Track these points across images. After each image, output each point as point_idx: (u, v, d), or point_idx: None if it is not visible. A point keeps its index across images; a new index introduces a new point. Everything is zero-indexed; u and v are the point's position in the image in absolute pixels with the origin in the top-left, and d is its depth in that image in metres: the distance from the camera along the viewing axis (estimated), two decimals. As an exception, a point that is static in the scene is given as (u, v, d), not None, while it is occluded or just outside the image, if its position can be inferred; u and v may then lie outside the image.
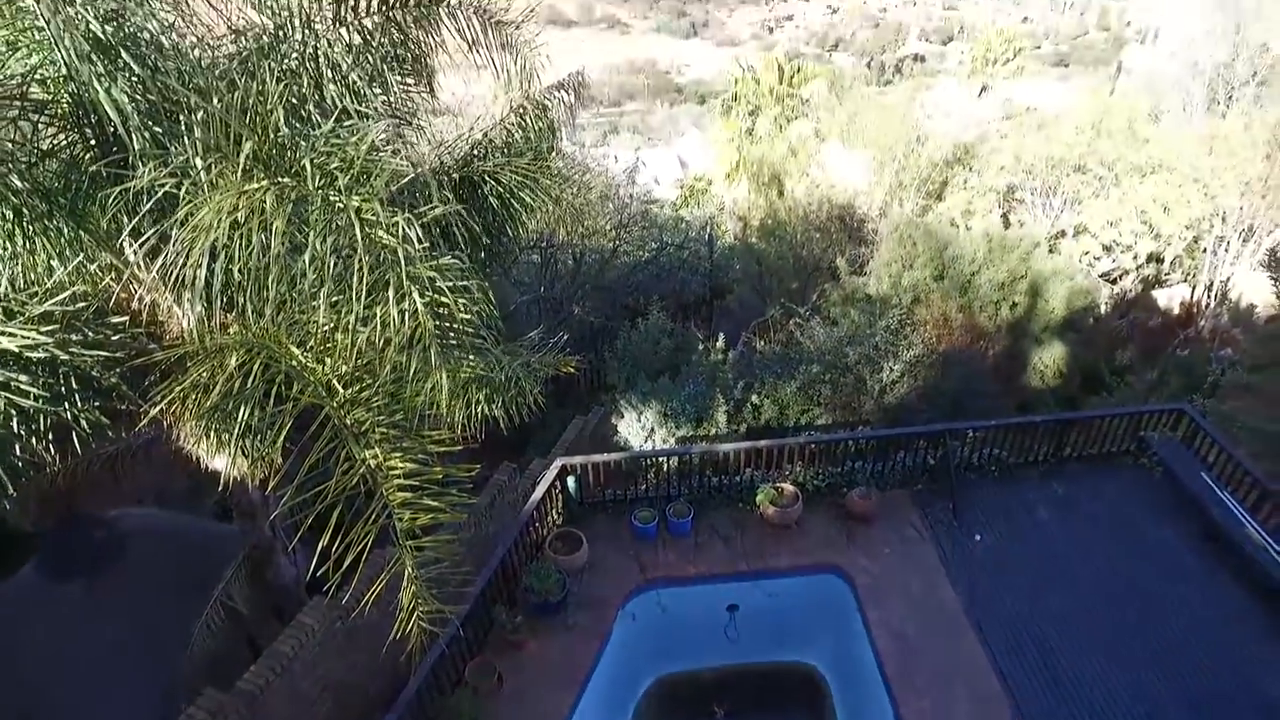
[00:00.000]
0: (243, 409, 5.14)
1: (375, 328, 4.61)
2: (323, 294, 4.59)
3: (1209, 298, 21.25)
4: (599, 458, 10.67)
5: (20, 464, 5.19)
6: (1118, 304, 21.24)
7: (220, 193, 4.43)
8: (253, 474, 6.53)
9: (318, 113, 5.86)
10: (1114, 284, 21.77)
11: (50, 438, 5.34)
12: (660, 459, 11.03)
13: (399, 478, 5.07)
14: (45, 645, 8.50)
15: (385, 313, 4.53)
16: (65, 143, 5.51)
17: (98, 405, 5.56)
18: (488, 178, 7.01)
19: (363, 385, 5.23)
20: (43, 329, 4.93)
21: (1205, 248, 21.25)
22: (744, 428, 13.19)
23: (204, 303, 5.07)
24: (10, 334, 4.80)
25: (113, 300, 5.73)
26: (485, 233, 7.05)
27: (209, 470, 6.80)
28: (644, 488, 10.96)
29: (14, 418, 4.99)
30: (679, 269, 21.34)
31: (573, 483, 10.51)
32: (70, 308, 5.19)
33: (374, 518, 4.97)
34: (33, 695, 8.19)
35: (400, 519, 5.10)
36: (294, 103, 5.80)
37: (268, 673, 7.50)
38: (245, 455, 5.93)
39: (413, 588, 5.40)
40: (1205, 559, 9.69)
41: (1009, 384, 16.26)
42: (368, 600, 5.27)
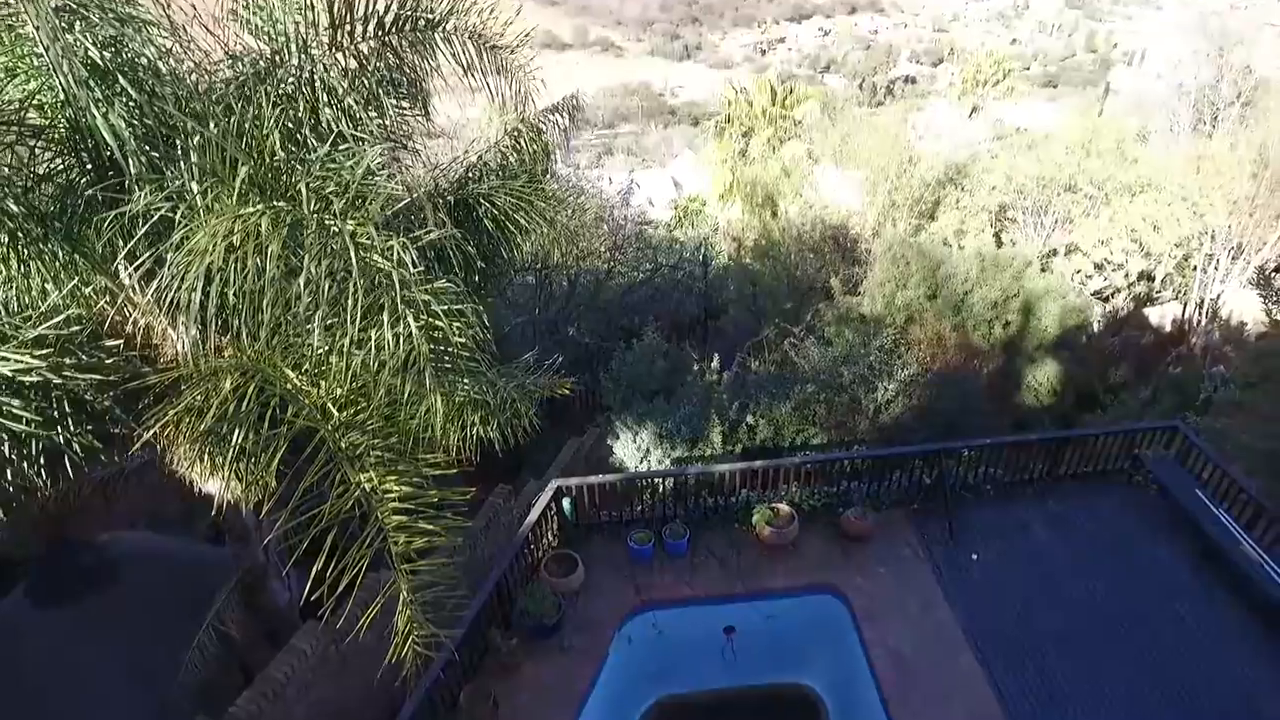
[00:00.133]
0: (237, 432, 5.13)
1: (370, 351, 4.62)
2: (318, 317, 4.59)
3: (1200, 315, 21.37)
4: (594, 479, 10.65)
5: (11, 489, 5.16)
6: (1110, 322, 21.32)
7: (216, 216, 4.44)
8: (247, 497, 6.48)
9: (313, 137, 5.88)
10: (1106, 302, 21.87)
11: (42, 462, 5.31)
12: (656, 480, 11.02)
13: (394, 501, 5.05)
14: (33, 671, 8.40)
15: (380, 336, 4.54)
16: (62, 167, 5.52)
17: (90, 429, 5.53)
18: (483, 200, 7.04)
19: (358, 408, 5.22)
20: (36, 353, 4.91)
21: (1196, 266, 21.41)
22: (739, 448, 13.16)
23: (199, 326, 5.07)
24: (4, 358, 4.78)
25: (107, 324, 5.72)
26: (480, 255, 7.08)
27: (202, 494, 6.75)
28: (640, 509, 10.93)
29: (5, 442, 4.96)
30: (673, 290, 21.38)
31: (568, 504, 10.48)
32: (64, 331, 5.18)
33: (369, 541, 4.95)
34: (21, 723, 8.09)
35: (395, 542, 5.07)
36: (290, 127, 5.83)
37: (260, 699, 7.43)
38: (239, 478, 5.89)
39: (408, 611, 5.35)
40: (1201, 577, 9.69)
41: (1003, 402, 16.29)
42: (362, 624, 5.22)
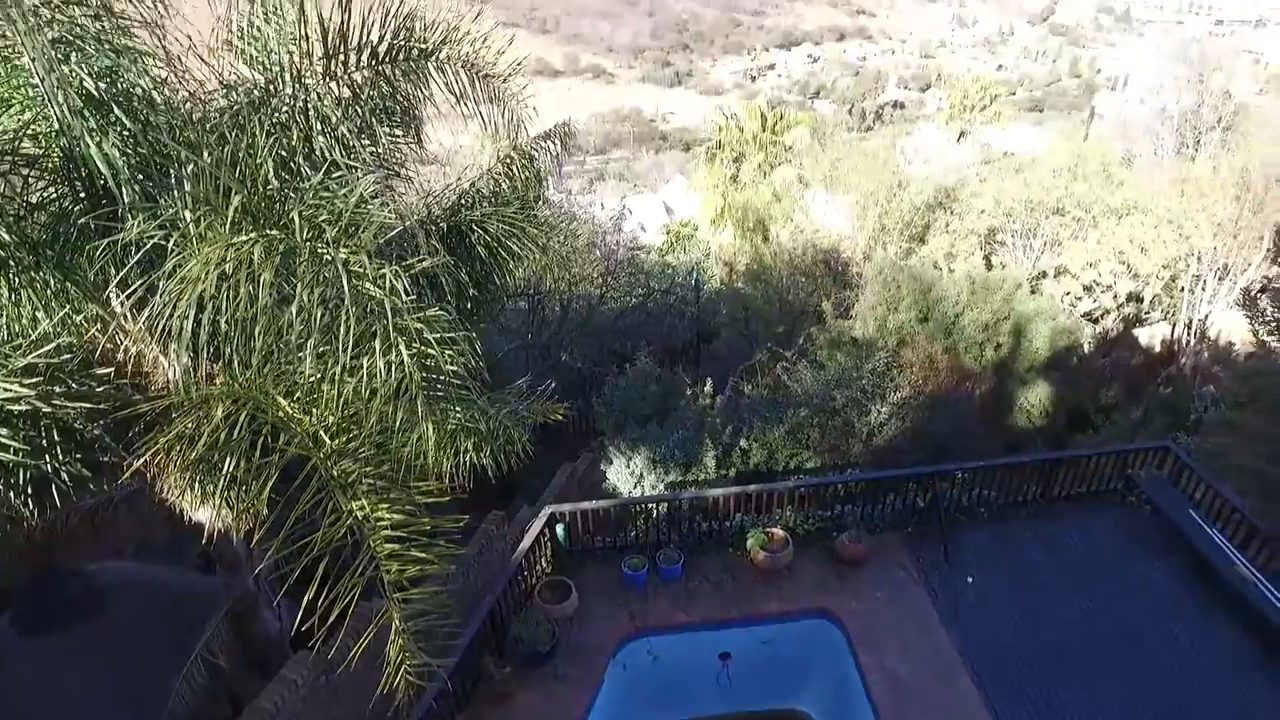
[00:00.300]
0: (228, 460, 5.09)
1: (362, 378, 4.61)
2: (310, 345, 4.59)
3: (1189, 335, 21.53)
4: (588, 505, 10.61)
5: (-2, 519, 5.11)
6: (1100, 343, 21.45)
7: (209, 244, 4.45)
8: (238, 526, 6.43)
9: (307, 165, 5.91)
10: (1096, 323, 22.01)
11: (29, 492, 5.26)
12: (650, 505, 10.96)
13: (386, 529, 5.01)
14: (20, 702, 8.26)
15: (372, 364, 4.54)
16: (55, 195, 5.53)
17: (79, 457, 5.49)
18: (475, 227, 7.07)
19: (350, 436, 5.20)
20: (26, 381, 4.89)
21: (1183, 287, 21.61)
22: (733, 472, 13.13)
23: (191, 353, 5.06)
24: (-8, 388, 4.76)
25: (98, 351, 5.70)
26: (473, 281, 7.10)
27: (192, 522, 6.69)
28: (633, 534, 10.87)
29: (-7, 472, 4.93)
30: (666, 314, 21.41)
31: (561, 530, 10.42)
32: (54, 359, 5.16)
33: (361, 569, 4.91)
34: (5, 758, 7.94)
35: (388, 570, 5.03)
36: (283, 155, 5.87)
37: (249, 731, 7.30)
38: (230, 507, 5.84)
39: (400, 640, 5.30)
40: (1196, 597, 9.68)
41: (996, 424, 16.33)
42: (354, 654, 5.17)
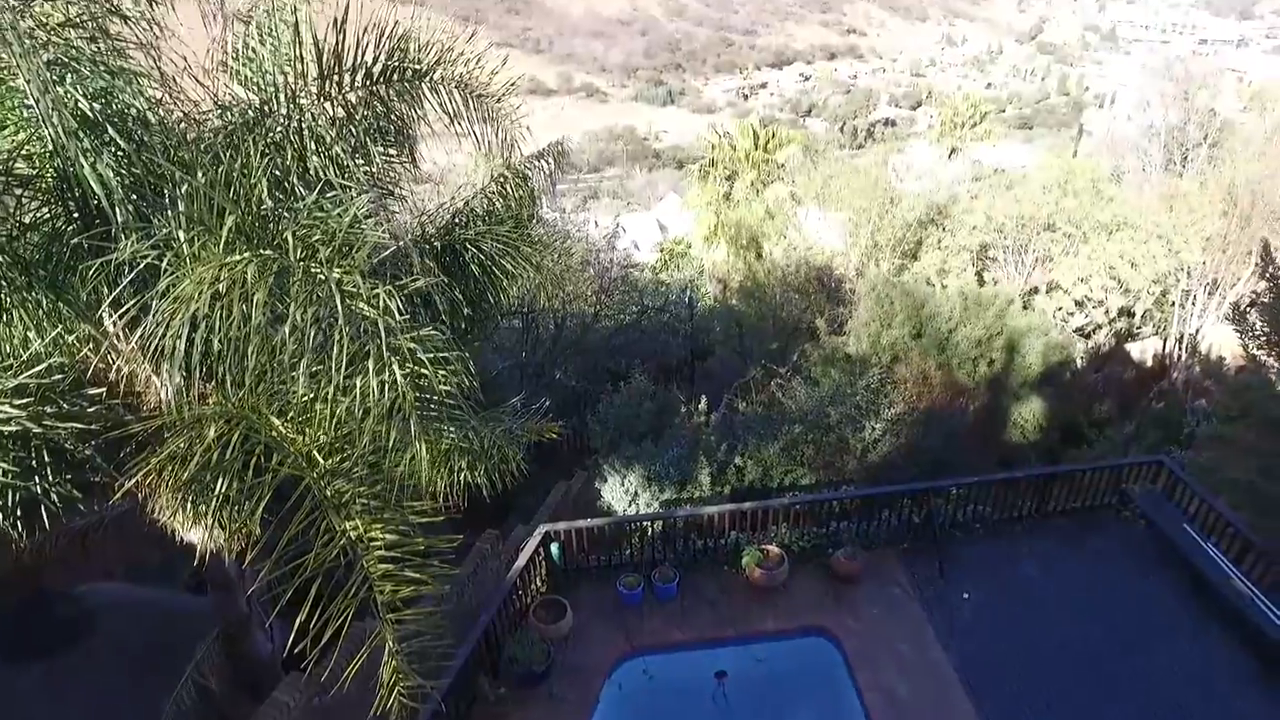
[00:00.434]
0: (221, 480, 5.06)
1: (355, 398, 4.60)
2: (303, 364, 4.58)
3: (1180, 350, 21.65)
4: (582, 523, 10.57)
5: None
6: (1093, 358, 21.54)
7: (202, 264, 4.45)
8: (230, 546, 6.38)
9: (301, 185, 5.92)
10: (1088, 338, 22.11)
11: (18, 513, 5.22)
12: (644, 523, 10.93)
13: (380, 549, 4.97)
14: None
15: (365, 383, 4.52)
16: (48, 215, 5.52)
17: (70, 478, 5.45)
18: (469, 245, 7.10)
19: (343, 455, 5.17)
20: (16, 402, 4.86)
21: (1174, 301, 21.76)
22: (728, 490, 13.11)
23: (183, 373, 5.04)
24: (-18, 409, 4.73)
25: (90, 371, 5.67)
26: (467, 300, 7.11)
27: (184, 543, 6.64)
28: (628, 552, 10.84)
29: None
30: (660, 332, 21.43)
31: (556, 549, 10.38)
32: (46, 380, 5.13)
33: (354, 590, 4.87)
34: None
35: (381, 591, 4.98)
36: (277, 175, 5.88)
37: (240, 755, 7.23)
38: (222, 527, 5.79)
39: (393, 662, 5.24)
40: (1192, 611, 9.67)
41: (990, 440, 16.35)
42: (347, 675, 5.11)
